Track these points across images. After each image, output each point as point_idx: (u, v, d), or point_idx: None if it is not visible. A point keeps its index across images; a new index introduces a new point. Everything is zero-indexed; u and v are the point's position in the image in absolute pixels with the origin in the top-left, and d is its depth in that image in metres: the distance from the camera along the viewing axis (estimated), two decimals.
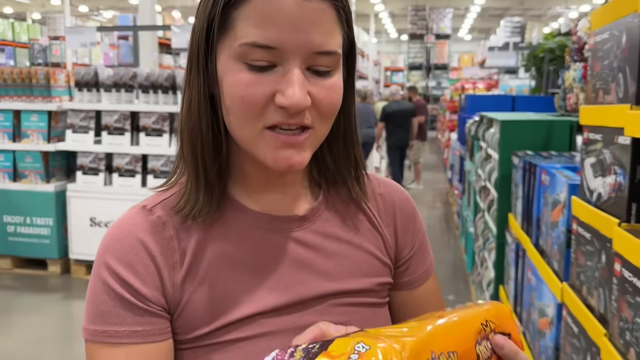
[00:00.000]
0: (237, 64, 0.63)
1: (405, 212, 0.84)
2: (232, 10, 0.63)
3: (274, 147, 0.65)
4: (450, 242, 6.05)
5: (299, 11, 0.61)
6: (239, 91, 0.63)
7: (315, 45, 0.63)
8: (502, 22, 17.26)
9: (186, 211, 0.69)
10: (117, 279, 0.66)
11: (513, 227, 2.68)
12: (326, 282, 0.73)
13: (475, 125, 4.08)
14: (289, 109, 0.62)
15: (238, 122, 0.65)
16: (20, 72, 4.66)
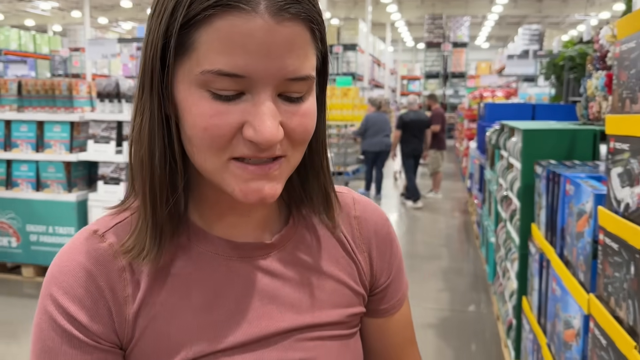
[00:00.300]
0: (200, 91, 0.56)
1: (382, 236, 0.78)
2: (193, 30, 0.54)
3: (242, 180, 0.59)
4: (470, 252, 6.00)
5: (270, 36, 0.54)
6: (201, 122, 0.56)
7: (288, 72, 0.56)
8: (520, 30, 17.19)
9: (133, 254, 0.62)
10: (64, 314, 0.61)
11: (536, 237, 2.65)
12: (293, 315, 0.68)
13: (496, 134, 4.05)
14: (260, 144, 0.56)
15: (201, 154, 0.58)
16: (43, 84, 4.74)
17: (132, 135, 0.62)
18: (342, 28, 17.33)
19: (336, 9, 21.31)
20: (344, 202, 0.77)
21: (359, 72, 17.22)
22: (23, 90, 4.75)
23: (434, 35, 19.67)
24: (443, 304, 4.46)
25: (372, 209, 0.79)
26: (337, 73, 16.64)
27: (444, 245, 6.30)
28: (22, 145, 4.70)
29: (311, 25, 0.57)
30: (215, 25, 0.53)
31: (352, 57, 17.16)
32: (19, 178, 4.71)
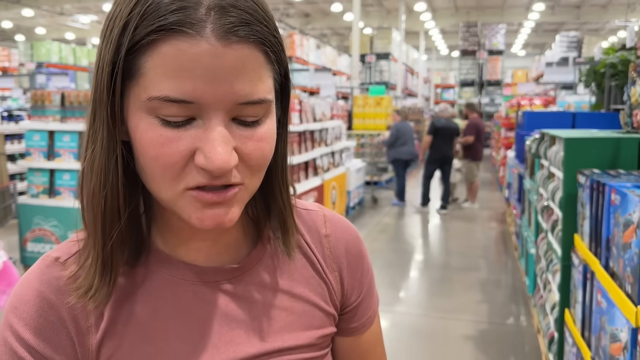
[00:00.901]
0: (148, 117, 0.54)
1: (353, 254, 0.76)
2: (139, 55, 0.53)
3: (198, 208, 0.57)
4: (509, 263, 5.89)
5: (218, 59, 0.51)
6: (152, 151, 0.54)
7: (239, 97, 0.53)
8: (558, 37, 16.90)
9: (80, 293, 0.60)
10: (24, 346, 0.59)
11: (580, 248, 2.58)
12: (260, 340, 0.66)
13: (536, 143, 3.97)
14: (212, 172, 0.54)
15: (155, 183, 0.57)
16: (85, 95, 4.88)
17: (82, 165, 0.59)
18: (375, 37, 17.34)
19: (369, 18, 21.34)
20: (313, 221, 0.76)
21: (392, 81, 17.17)
22: (66, 101, 4.89)
23: (469, 43, 19.50)
24: (481, 316, 4.39)
25: (343, 226, 0.77)
26: (369, 82, 16.64)
27: (481, 256, 6.20)
28: (64, 155, 4.83)
29: (264, 47, 0.55)
30: (161, 50, 0.52)
31: (385, 66, 17.14)
32: (61, 187, 4.84)
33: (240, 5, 0.53)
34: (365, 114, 11.67)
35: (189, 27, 0.51)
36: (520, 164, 5.53)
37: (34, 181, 4.93)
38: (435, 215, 8.48)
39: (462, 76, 20.19)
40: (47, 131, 4.88)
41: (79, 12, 21.26)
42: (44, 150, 4.89)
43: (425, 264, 6.04)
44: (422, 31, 22.42)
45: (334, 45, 24.93)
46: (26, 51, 18.14)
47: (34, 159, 4.92)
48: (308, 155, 6.19)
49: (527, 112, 6.13)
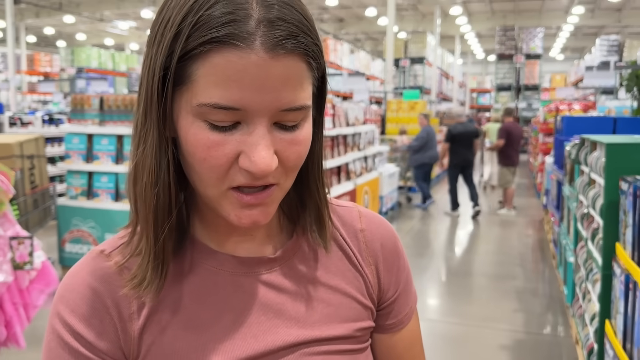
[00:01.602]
0: (197, 121, 0.57)
1: (388, 249, 0.77)
2: (190, 63, 0.56)
3: (237, 207, 0.61)
4: (546, 271, 5.75)
5: (265, 71, 0.54)
6: (200, 153, 0.58)
7: (282, 104, 0.57)
8: (598, 41, 16.51)
9: (134, 284, 0.63)
10: (71, 332, 0.63)
11: (622, 257, 2.50)
12: (299, 329, 0.68)
13: (576, 149, 3.87)
14: (255, 174, 0.57)
15: (201, 182, 0.60)
16: (123, 99, 4.97)
17: (133, 162, 0.62)
18: (409, 41, 17.25)
19: (404, 22, 21.24)
20: (348, 216, 0.78)
21: (427, 85, 17.04)
22: (104, 105, 4.99)
23: (506, 47, 19.20)
24: (518, 325, 4.29)
25: (378, 222, 0.79)
26: (403, 86, 16.55)
27: (517, 264, 6.07)
28: (102, 158, 4.93)
29: (307, 57, 0.58)
30: (212, 60, 0.54)
31: (420, 71, 17.02)
32: (99, 189, 4.94)
33: (287, 18, 0.56)
34: (399, 118, 11.60)
35: (240, 40, 0.54)
36: (559, 170, 5.41)
37: (73, 183, 5.05)
38: (469, 221, 8.35)
39: (498, 80, 19.89)
40: (86, 134, 4.99)
41: (118, 19, 21.77)
42: (83, 153, 5.00)
43: (459, 270, 5.95)
44: (458, 35, 22.19)
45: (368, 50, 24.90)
46: (67, 57, 18.66)
47: (73, 162, 5.03)
48: (341, 160, 6.17)
49: (567, 117, 5.99)
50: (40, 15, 19.87)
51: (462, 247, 7.07)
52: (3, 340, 2.45)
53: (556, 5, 19.49)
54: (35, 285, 2.54)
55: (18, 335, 2.48)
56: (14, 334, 2.47)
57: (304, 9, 0.59)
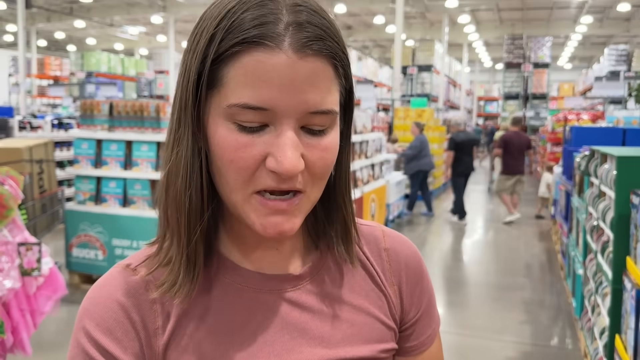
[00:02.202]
0: (227, 123, 0.58)
1: (412, 269, 0.76)
2: (222, 66, 0.57)
3: (262, 214, 0.60)
4: (554, 283, 5.71)
5: (293, 71, 0.56)
6: (228, 154, 0.58)
7: (310, 106, 0.58)
8: (606, 50, 16.47)
9: (165, 289, 0.63)
10: (95, 346, 0.62)
11: (632, 271, 2.47)
12: (323, 348, 0.67)
13: (586, 160, 3.85)
14: (282, 174, 0.58)
15: (228, 186, 0.60)
16: (133, 105, 4.98)
17: (167, 167, 0.63)
18: (417, 49, 17.25)
19: (412, 30, 21.26)
20: (372, 235, 0.77)
21: (434, 93, 17.02)
22: (114, 111, 5.01)
23: (514, 55, 19.17)
24: (524, 337, 4.26)
25: (402, 241, 0.78)
26: (411, 94, 16.54)
27: (525, 275, 6.03)
28: (111, 163, 4.94)
29: (334, 61, 0.59)
30: (242, 61, 0.56)
31: (427, 78, 17.00)
32: (107, 194, 4.95)
33: (315, 22, 0.58)
34: (406, 126, 11.58)
35: (269, 40, 0.56)
36: (567, 181, 5.37)
37: (81, 188, 5.06)
38: (476, 230, 8.30)
39: (506, 89, 19.84)
40: (95, 140, 5.01)
41: (128, 24, 21.91)
42: (92, 158, 5.02)
43: (465, 281, 5.91)
44: (466, 43, 22.19)
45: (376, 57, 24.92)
46: (77, 61, 18.79)
47: (81, 167, 5.05)
48: None
49: (575, 127, 5.96)
50: (52, 20, 20.04)
51: (468, 256, 7.03)
52: (9, 347, 2.45)
53: (565, 14, 19.46)
54: (43, 291, 2.54)
55: (24, 341, 2.48)
56: (21, 340, 2.47)
57: (331, 19, 0.61)
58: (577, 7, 17.98)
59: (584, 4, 16.99)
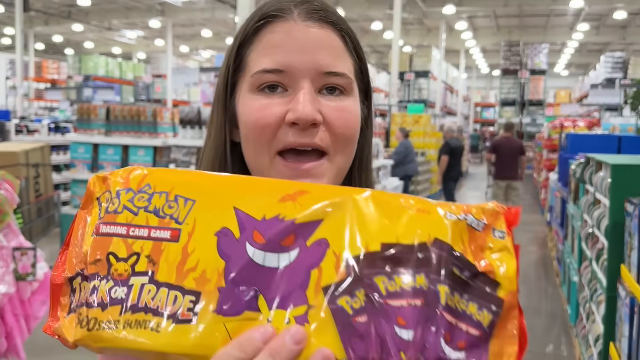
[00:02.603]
0: (251, 94, 0.65)
1: None
2: (246, 50, 0.67)
3: (286, 176, 0.63)
4: (549, 290, 5.71)
5: (304, 35, 0.64)
6: (252, 116, 0.64)
7: (322, 66, 0.64)
8: (603, 58, 16.54)
9: None
10: None
11: (627, 279, 2.48)
12: None
13: (581, 168, 3.87)
14: (298, 121, 0.61)
15: (254, 149, 0.65)
16: (130, 110, 4.99)
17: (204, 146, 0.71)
18: (414, 55, 17.30)
19: (409, 36, 21.33)
20: None
21: (431, 99, 17.07)
22: (111, 115, 5.01)
23: (511, 62, 19.24)
24: None
25: None
26: (408, 100, 16.58)
27: (520, 281, 6.01)
28: (108, 168, 4.94)
29: (340, 32, 0.67)
30: (260, 36, 0.65)
31: (424, 84, 17.05)
32: None
33: (320, 2, 0.68)
34: None
35: (282, 12, 0.65)
36: (563, 188, 5.39)
37: (77, 192, 5.06)
38: None
39: (503, 95, 19.90)
40: (91, 144, 5.01)
41: (126, 28, 21.92)
42: (88, 162, 5.02)
43: None
44: (463, 49, 22.26)
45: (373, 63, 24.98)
46: (74, 64, 18.76)
47: (78, 171, 5.05)
48: None
49: (571, 134, 5.99)
50: (50, 23, 20.03)
51: None
52: (3, 352, 2.44)
53: (561, 21, 19.56)
54: (37, 296, 2.53)
55: (18, 346, 2.48)
56: (14, 345, 2.46)
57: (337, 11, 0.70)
58: (574, 14, 18.07)
59: (580, 11, 17.08)
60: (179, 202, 0.47)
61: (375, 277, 0.43)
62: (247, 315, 0.42)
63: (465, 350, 0.43)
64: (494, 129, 21.43)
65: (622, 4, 15.04)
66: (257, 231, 0.45)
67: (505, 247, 0.46)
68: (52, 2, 18.02)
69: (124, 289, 0.44)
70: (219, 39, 23.48)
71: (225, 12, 17.39)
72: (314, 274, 0.43)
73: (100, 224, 0.48)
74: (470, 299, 0.44)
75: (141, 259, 0.45)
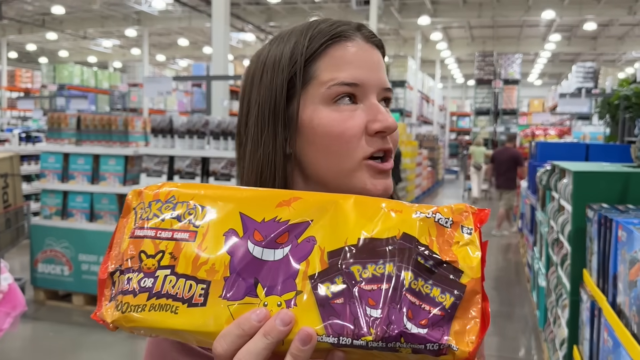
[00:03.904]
0: (328, 106, 0.70)
1: None
2: (312, 64, 0.71)
3: (371, 175, 0.71)
4: (522, 294, 5.80)
5: (370, 56, 0.73)
6: (337, 128, 0.70)
7: (383, 82, 0.73)
8: (574, 68, 16.86)
9: None
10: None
11: (588, 284, 2.54)
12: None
13: (547, 175, 3.95)
14: (386, 130, 0.70)
15: (336, 157, 0.71)
16: (101, 119, 4.95)
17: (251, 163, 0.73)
18: (391, 65, 17.46)
19: (385, 46, 21.46)
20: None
21: (407, 108, 17.22)
22: (82, 124, 4.97)
23: (485, 72, 19.52)
24: (491, 349, 4.31)
25: None
26: None
27: (493, 287, 6.11)
28: (78, 178, 4.89)
29: (383, 53, 0.77)
30: (330, 53, 0.71)
31: (401, 94, 17.19)
32: (74, 209, 4.89)
33: (366, 25, 0.77)
34: None
35: (348, 34, 0.73)
36: (532, 195, 5.49)
37: (47, 202, 4.99)
38: None
39: (477, 105, 20.16)
40: (62, 153, 4.96)
41: (102, 37, 21.73)
42: (59, 172, 4.96)
43: None
44: (438, 60, 22.53)
45: None
46: (49, 73, 18.51)
47: (48, 181, 4.99)
48: None
49: (540, 142, 6.10)
50: (23, 32, 19.77)
51: None
52: None
53: (534, 32, 19.93)
54: (1, 308, 2.50)
55: None
56: None
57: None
58: (546, 25, 18.44)
59: (552, 22, 17.44)
60: (196, 209, 0.56)
61: (351, 267, 0.51)
62: (247, 300, 0.51)
63: (427, 327, 0.49)
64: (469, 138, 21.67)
65: (591, 15, 15.40)
66: (257, 231, 0.54)
67: (472, 242, 0.53)
68: (25, 10, 17.79)
69: (151, 279, 0.54)
70: (195, 48, 23.40)
71: (201, 21, 17.36)
72: (303, 266, 0.52)
73: (135, 228, 0.57)
74: (434, 284, 0.51)
75: (165, 256, 0.54)
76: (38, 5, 17.24)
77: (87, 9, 17.25)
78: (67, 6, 16.90)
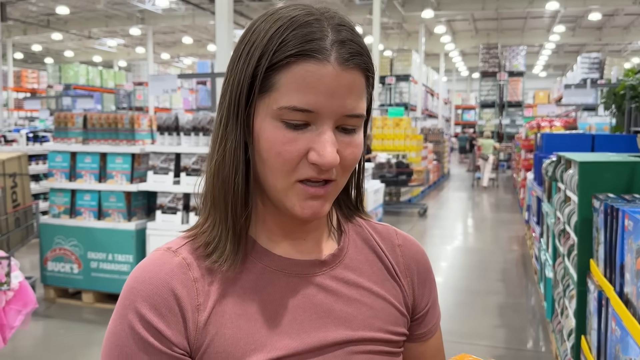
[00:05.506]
0: (275, 121, 0.68)
1: (423, 265, 0.87)
2: (274, 74, 0.67)
3: (302, 198, 0.70)
4: (529, 287, 5.80)
5: (337, 81, 0.66)
6: (276, 148, 0.67)
7: (347, 110, 0.68)
8: (579, 59, 16.79)
9: (214, 259, 0.71)
10: (142, 322, 0.67)
11: (595, 274, 2.54)
12: (345, 329, 0.75)
13: (553, 166, 3.94)
14: (323, 167, 0.67)
15: (273, 174, 0.69)
16: (107, 118, 4.98)
17: (213, 160, 0.72)
18: (395, 59, 17.42)
19: (389, 41, 21.47)
20: (387, 232, 0.87)
21: (412, 102, 17.19)
22: (88, 123, 5.00)
23: (489, 64, 19.46)
24: (499, 341, 4.32)
25: (412, 240, 0.89)
26: (389, 104, 16.68)
27: (500, 279, 6.12)
28: (85, 176, 4.92)
29: (367, 74, 0.70)
30: (293, 70, 0.66)
31: (405, 88, 17.18)
32: (82, 207, 4.93)
33: (354, 40, 0.69)
34: (384, 135, 11.68)
35: (319, 53, 0.66)
36: (538, 187, 5.48)
37: (56, 201, 5.03)
38: (453, 235, 8.39)
39: (482, 97, 20.12)
40: (69, 152, 4.99)
41: (107, 36, 21.79)
42: (66, 171, 4.99)
43: (441, 286, 5.97)
44: (442, 53, 22.46)
45: None
46: (54, 73, 18.60)
47: (56, 180, 5.02)
48: None
49: (546, 134, 6.09)
50: (28, 32, 19.85)
51: (445, 262, 7.11)
52: None
53: (538, 24, 19.83)
54: (12, 305, 2.53)
55: None
56: None
57: (361, 37, 0.71)
58: (550, 16, 18.34)
59: (556, 13, 17.34)
60: None
61: None
62: None
63: None
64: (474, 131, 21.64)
65: (596, 5, 15.30)
66: None
67: None
68: (30, 11, 17.86)
69: None
70: (200, 46, 23.44)
71: (205, 19, 17.37)
72: None
73: None
74: None
75: None
76: (42, 6, 17.31)
77: (91, 8, 17.30)
78: (72, 6, 16.95)
